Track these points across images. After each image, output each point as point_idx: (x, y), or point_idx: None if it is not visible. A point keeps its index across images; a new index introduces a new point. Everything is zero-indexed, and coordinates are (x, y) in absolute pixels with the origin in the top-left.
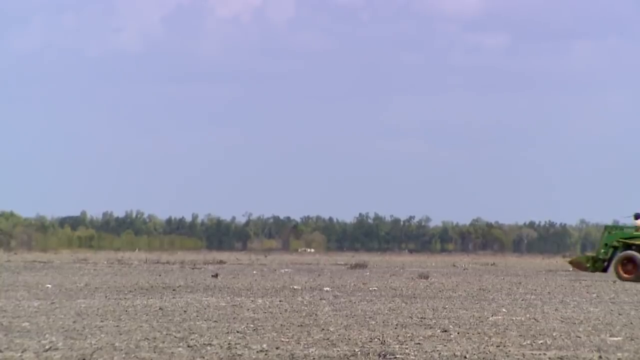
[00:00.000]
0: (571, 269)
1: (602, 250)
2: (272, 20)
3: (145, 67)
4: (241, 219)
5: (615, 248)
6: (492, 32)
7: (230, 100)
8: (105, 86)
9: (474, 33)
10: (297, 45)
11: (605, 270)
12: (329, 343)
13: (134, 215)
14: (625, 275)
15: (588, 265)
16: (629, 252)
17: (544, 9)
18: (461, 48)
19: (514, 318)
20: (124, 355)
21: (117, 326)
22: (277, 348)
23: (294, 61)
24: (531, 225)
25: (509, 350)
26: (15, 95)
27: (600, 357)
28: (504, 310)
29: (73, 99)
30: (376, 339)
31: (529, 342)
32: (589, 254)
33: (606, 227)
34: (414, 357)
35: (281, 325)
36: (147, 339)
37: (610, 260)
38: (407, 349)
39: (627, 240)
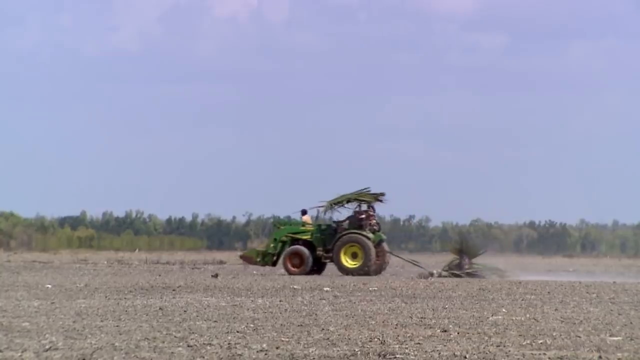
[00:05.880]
0: (241, 263)
1: (272, 245)
2: (269, 20)
3: (144, 66)
4: (241, 219)
5: (284, 243)
6: (489, 32)
7: (229, 100)
8: (103, 85)
9: (471, 33)
10: (294, 45)
11: (274, 264)
12: (329, 343)
13: (133, 215)
14: (293, 269)
15: (258, 259)
16: (296, 246)
17: (541, 9)
18: (458, 48)
19: (514, 318)
20: (124, 355)
21: (117, 326)
22: (277, 348)
23: (292, 61)
24: (531, 225)
25: (509, 350)
26: (13, 95)
27: (600, 357)
28: (504, 310)
29: (71, 98)
30: (376, 339)
31: (529, 342)
32: (259, 248)
33: (275, 223)
34: (413, 357)
35: (281, 325)
36: (147, 339)
37: (279, 254)
38: (407, 349)
39: (294, 235)
